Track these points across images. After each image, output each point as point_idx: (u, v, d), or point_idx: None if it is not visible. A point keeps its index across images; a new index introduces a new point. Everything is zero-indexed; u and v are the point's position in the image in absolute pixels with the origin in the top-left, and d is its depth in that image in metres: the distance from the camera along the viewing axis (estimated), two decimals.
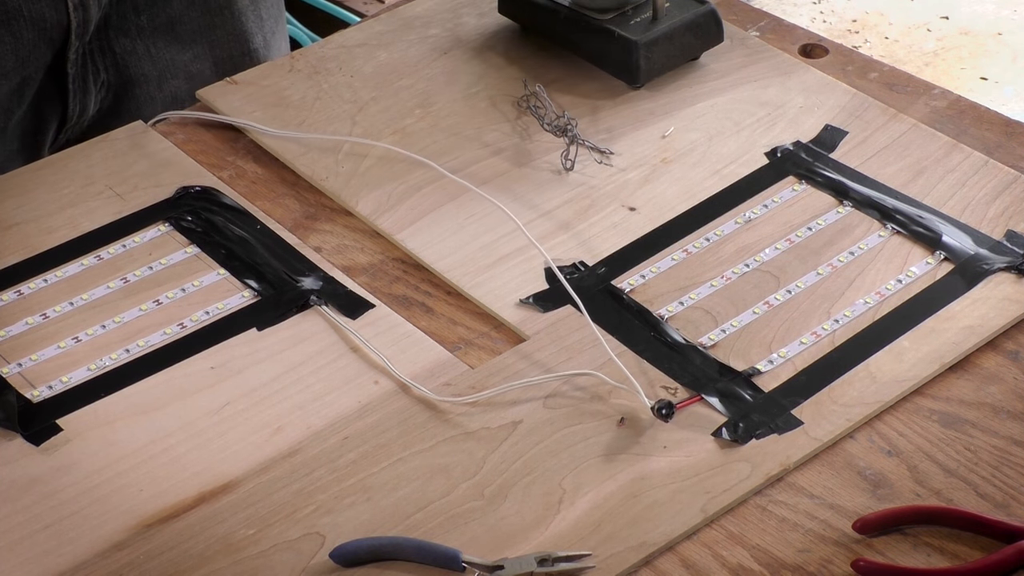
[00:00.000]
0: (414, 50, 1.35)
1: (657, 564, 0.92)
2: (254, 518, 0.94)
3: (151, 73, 1.33)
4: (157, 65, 1.33)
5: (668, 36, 1.28)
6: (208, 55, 1.35)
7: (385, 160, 1.22)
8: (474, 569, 0.90)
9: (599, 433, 0.99)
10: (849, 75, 1.32)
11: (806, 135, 1.24)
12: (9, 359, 1.05)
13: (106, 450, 0.98)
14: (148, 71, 1.33)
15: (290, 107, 1.28)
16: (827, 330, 1.06)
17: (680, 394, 1.02)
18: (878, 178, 1.19)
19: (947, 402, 1.01)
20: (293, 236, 1.16)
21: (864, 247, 1.13)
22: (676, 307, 1.09)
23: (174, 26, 1.33)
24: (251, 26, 1.38)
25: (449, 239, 1.14)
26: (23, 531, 0.94)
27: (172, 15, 1.32)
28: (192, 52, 1.34)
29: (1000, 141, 1.24)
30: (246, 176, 1.22)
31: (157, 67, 1.33)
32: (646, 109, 1.28)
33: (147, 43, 1.32)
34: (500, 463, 0.97)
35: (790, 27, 1.38)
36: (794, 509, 0.95)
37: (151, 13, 1.31)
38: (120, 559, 0.92)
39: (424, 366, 1.04)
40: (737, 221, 1.16)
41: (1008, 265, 1.10)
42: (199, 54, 1.35)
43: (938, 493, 0.95)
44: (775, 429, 0.99)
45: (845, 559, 0.91)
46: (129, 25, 1.30)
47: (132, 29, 1.31)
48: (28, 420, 1.00)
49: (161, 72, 1.34)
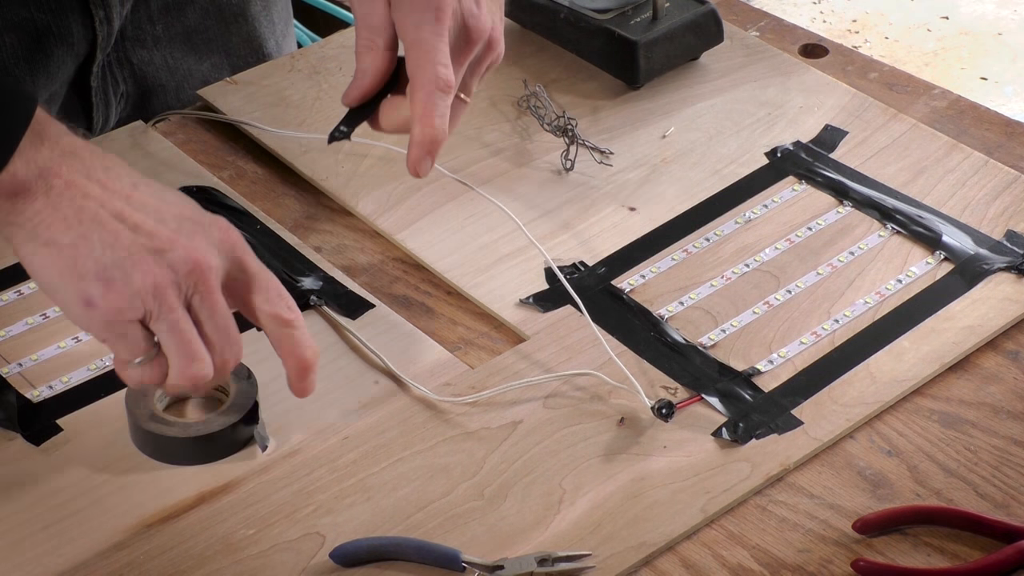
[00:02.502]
0: None
1: (657, 564, 0.92)
2: (254, 518, 0.94)
3: (169, 83, 1.34)
4: (175, 75, 1.34)
5: (668, 36, 1.28)
6: (226, 63, 1.36)
7: (385, 160, 1.22)
8: (474, 569, 0.90)
9: (599, 433, 0.99)
10: (849, 75, 1.32)
11: (806, 135, 1.24)
12: (9, 359, 1.05)
13: (106, 450, 0.98)
14: (166, 81, 1.33)
15: (290, 107, 1.28)
16: (827, 330, 1.06)
17: (680, 394, 1.02)
18: (878, 178, 1.19)
19: (947, 402, 1.01)
20: (293, 236, 1.15)
21: (864, 247, 1.13)
22: (676, 307, 1.09)
23: (190, 36, 1.33)
24: (264, 31, 1.38)
25: (449, 239, 1.14)
26: (23, 531, 0.93)
27: (188, 25, 1.32)
28: (210, 62, 1.35)
29: (1000, 141, 1.24)
30: (246, 176, 1.22)
31: (175, 77, 1.34)
32: (646, 109, 1.28)
33: (164, 53, 1.32)
34: (500, 463, 0.97)
35: (790, 27, 1.38)
36: (794, 509, 0.95)
37: (166, 23, 1.31)
38: (120, 559, 0.92)
39: (424, 366, 1.04)
40: (737, 221, 1.16)
41: (1008, 265, 1.10)
42: (217, 63, 1.35)
43: (938, 493, 0.95)
44: (775, 429, 0.99)
45: (845, 559, 0.91)
46: (145, 36, 1.30)
47: (148, 40, 1.31)
48: (28, 420, 1.00)
49: (179, 82, 1.34)
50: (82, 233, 0.87)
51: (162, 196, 0.91)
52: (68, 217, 0.88)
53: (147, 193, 0.90)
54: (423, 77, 0.98)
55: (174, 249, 0.88)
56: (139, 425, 0.97)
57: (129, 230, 0.88)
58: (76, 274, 0.88)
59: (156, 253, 0.88)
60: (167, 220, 0.89)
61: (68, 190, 0.88)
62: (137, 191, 0.90)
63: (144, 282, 0.87)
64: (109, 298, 0.87)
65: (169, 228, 0.89)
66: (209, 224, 0.91)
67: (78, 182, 0.88)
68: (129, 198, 0.89)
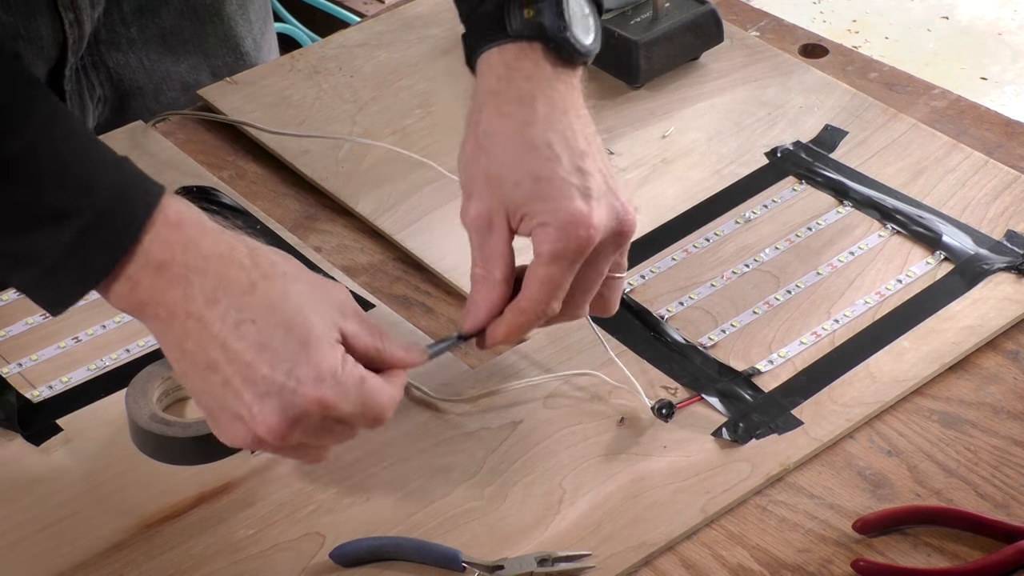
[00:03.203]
0: (414, 50, 1.35)
1: (657, 564, 0.92)
2: (254, 518, 0.94)
3: (147, 86, 1.33)
4: (153, 77, 1.33)
5: (668, 36, 1.28)
6: (204, 64, 1.35)
7: (385, 160, 1.22)
8: (474, 569, 0.90)
9: (599, 433, 0.99)
10: (849, 75, 1.32)
11: (806, 135, 1.24)
12: (9, 359, 1.05)
13: (106, 450, 0.98)
14: (144, 83, 1.33)
15: (290, 107, 1.28)
16: (827, 330, 1.06)
17: (680, 394, 1.02)
18: (878, 178, 1.19)
19: (947, 402, 1.01)
20: (293, 236, 1.15)
21: (864, 247, 1.13)
22: (676, 307, 1.09)
23: (166, 37, 1.32)
24: (241, 30, 1.37)
25: (449, 239, 1.14)
26: (23, 531, 0.93)
27: (163, 26, 1.31)
28: (188, 63, 1.34)
29: (1000, 141, 1.24)
30: (246, 176, 1.22)
31: (153, 79, 1.33)
32: (646, 109, 1.28)
33: (140, 56, 1.31)
34: (500, 463, 0.97)
35: (790, 27, 1.38)
36: (794, 509, 0.95)
37: (140, 25, 1.30)
38: (120, 559, 0.92)
39: (424, 366, 1.04)
40: (737, 221, 1.16)
41: (1008, 265, 1.10)
42: (195, 64, 1.34)
43: (938, 493, 0.95)
44: (775, 429, 0.99)
45: (845, 559, 0.91)
46: (120, 38, 1.30)
47: (123, 42, 1.30)
48: (28, 420, 1.00)
49: (157, 84, 1.33)
50: (184, 370, 0.87)
51: (266, 335, 0.86)
52: (173, 347, 0.86)
53: (247, 337, 0.85)
54: (534, 303, 0.94)
55: (252, 420, 0.86)
56: (139, 425, 0.97)
57: (220, 386, 0.86)
58: (190, 388, 0.88)
59: (237, 419, 0.86)
60: (256, 382, 0.85)
61: (172, 321, 0.85)
62: (237, 333, 0.85)
63: (232, 440, 0.87)
64: (214, 428, 0.88)
65: (254, 391, 0.85)
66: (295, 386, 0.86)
67: (178, 316, 0.85)
68: (224, 345, 0.85)
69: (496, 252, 0.96)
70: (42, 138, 0.84)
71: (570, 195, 0.93)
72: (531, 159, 0.94)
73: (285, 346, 0.85)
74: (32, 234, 0.84)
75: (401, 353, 0.92)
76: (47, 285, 0.86)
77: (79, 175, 0.85)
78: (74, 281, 0.85)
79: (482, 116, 0.96)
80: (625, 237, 0.96)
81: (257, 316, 0.85)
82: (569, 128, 0.95)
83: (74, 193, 0.84)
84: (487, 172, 0.95)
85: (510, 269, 0.96)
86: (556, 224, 0.92)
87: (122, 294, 0.85)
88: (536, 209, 0.93)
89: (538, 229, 0.93)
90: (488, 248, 0.96)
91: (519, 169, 0.94)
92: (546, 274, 0.93)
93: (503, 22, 0.96)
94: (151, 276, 0.85)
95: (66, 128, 0.86)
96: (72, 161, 0.85)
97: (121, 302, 0.86)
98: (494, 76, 0.97)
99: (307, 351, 0.86)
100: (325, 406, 0.85)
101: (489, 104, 0.96)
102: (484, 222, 0.95)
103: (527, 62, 0.96)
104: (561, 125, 0.95)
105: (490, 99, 0.96)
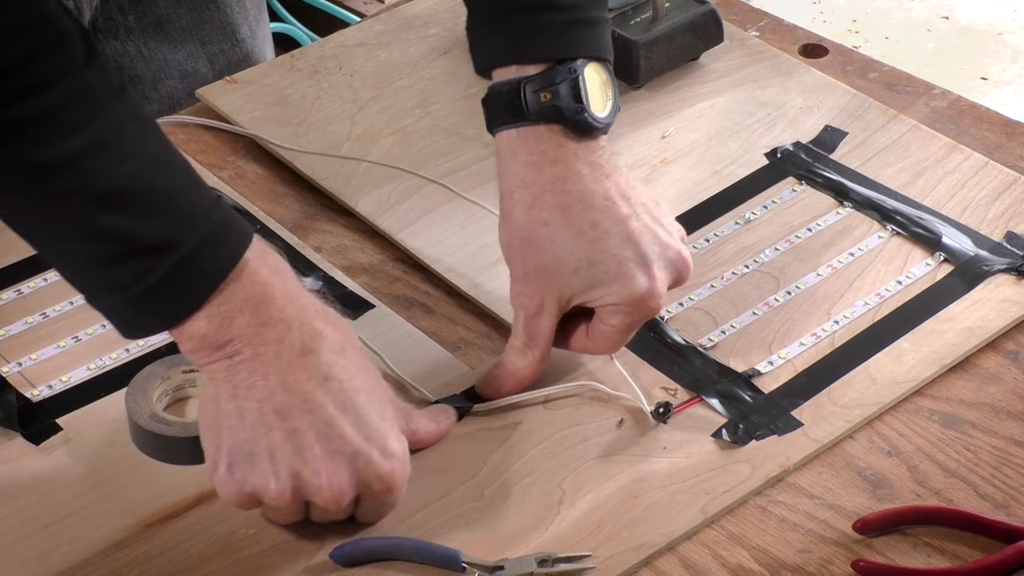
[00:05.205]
0: (414, 50, 1.35)
1: (657, 565, 0.92)
2: (254, 518, 0.94)
3: (145, 74, 1.33)
4: (151, 65, 1.33)
5: (668, 36, 1.27)
6: (201, 52, 1.35)
7: (385, 160, 1.22)
8: (474, 569, 0.90)
9: (599, 434, 0.99)
10: (849, 75, 1.32)
11: (806, 136, 1.24)
12: (9, 359, 1.05)
13: (106, 450, 0.98)
14: (142, 72, 1.33)
15: (290, 107, 1.28)
16: (827, 331, 1.06)
17: (680, 395, 1.02)
18: (878, 179, 1.19)
19: (947, 402, 1.01)
20: (293, 236, 1.15)
21: (864, 248, 1.13)
22: (676, 308, 1.09)
23: (163, 25, 1.33)
24: (237, 17, 1.38)
25: (449, 239, 1.14)
26: (23, 531, 0.93)
27: (159, 13, 1.32)
28: (185, 50, 1.34)
29: (1000, 141, 1.24)
30: (246, 176, 1.22)
31: (151, 67, 1.33)
32: (646, 109, 1.28)
33: (138, 44, 1.32)
34: (500, 464, 0.97)
35: (790, 27, 1.38)
36: (794, 509, 0.95)
37: (137, 13, 1.31)
38: (120, 559, 0.92)
39: (424, 366, 1.04)
40: (737, 222, 1.16)
41: (1008, 266, 1.10)
42: (192, 52, 1.35)
43: (938, 493, 0.95)
44: (775, 430, 0.99)
45: (845, 559, 0.91)
46: (117, 27, 1.30)
47: (121, 31, 1.31)
48: (28, 420, 1.00)
49: (155, 72, 1.34)
50: (241, 409, 0.86)
51: (351, 397, 0.87)
52: (238, 387, 0.86)
53: (332, 392, 0.87)
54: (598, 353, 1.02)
55: (315, 474, 0.86)
56: (139, 425, 0.97)
57: (284, 432, 0.86)
58: (216, 439, 0.87)
59: (294, 477, 0.87)
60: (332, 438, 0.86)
61: (255, 361, 0.85)
62: (324, 388, 0.86)
63: (263, 488, 0.87)
64: (228, 480, 0.87)
65: (327, 447, 0.86)
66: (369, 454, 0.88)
67: (263, 357, 0.85)
68: (308, 397, 0.86)
69: (541, 335, 0.99)
70: (149, 169, 0.84)
71: (629, 272, 0.96)
72: (580, 245, 0.96)
73: (366, 413, 0.88)
74: (128, 263, 0.83)
75: (433, 427, 0.97)
76: (130, 310, 0.85)
77: (185, 209, 0.84)
78: (162, 310, 0.84)
79: (516, 209, 0.98)
80: (682, 282, 1.00)
81: (344, 378, 0.88)
82: (605, 196, 0.97)
83: (180, 226, 0.84)
84: (539, 264, 0.98)
85: (549, 350, 1.00)
86: (624, 303, 0.97)
87: (207, 330, 0.84)
88: (596, 295, 0.97)
89: (607, 307, 0.97)
90: (534, 328, 0.99)
91: (572, 259, 0.97)
92: (619, 339, 0.99)
93: (520, 106, 0.97)
94: (249, 313, 0.85)
95: (170, 160, 0.86)
96: (178, 194, 0.85)
97: (197, 341, 0.85)
98: (519, 163, 0.98)
99: (384, 425, 0.89)
100: (391, 482, 0.89)
101: (523, 196, 0.98)
102: (535, 306, 0.98)
103: (549, 144, 0.97)
104: (598, 198, 0.97)
105: (522, 191, 0.98)
